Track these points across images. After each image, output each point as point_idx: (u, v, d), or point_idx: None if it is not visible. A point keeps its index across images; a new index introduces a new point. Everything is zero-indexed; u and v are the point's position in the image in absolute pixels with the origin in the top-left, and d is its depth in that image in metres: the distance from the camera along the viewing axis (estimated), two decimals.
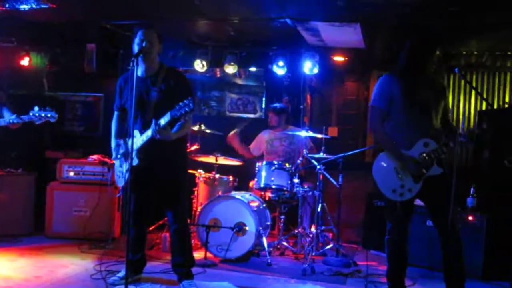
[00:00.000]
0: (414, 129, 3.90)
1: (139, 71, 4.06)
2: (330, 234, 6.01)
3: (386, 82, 4.01)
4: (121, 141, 4.25)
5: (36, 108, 4.54)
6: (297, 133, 6.08)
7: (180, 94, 3.89)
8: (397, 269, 4.06)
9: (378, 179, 3.97)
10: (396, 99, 3.92)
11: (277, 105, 6.54)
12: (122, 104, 4.29)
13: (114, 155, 4.31)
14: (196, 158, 6.11)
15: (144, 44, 3.97)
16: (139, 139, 3.99)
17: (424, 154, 3.84)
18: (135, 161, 3.95)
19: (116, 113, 4.42)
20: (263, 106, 7.46)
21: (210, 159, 6.00)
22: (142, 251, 4.38)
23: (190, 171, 6.04)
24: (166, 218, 4.88)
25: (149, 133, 3.89)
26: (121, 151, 4.22)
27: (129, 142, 3.84)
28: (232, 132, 6.48)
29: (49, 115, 4.56)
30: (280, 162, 5.74)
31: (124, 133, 4.19)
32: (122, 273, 4.28)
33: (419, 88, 3.93)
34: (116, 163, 4.35)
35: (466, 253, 4.63)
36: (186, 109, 3.66)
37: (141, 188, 4.11)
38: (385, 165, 3.96)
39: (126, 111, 4.24)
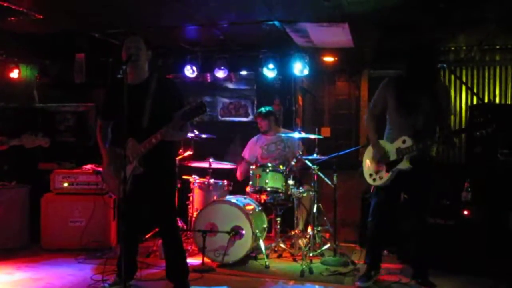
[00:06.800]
0: (400, 127, 4.37)
1: (129, 79, 4.00)
2: (327, 235, 6.02)
3: (384, 84, 4.53)
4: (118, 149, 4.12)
5: (28, 133, 4.48)
6: (291, 134, 6.08)
7: (173, 101, 4.01)
8: (372, 251, 4.63)
9: (364, 163, 4.62)
10: (389, 100, 4.44)
11: (262, 109, 6.51)
12: (109, 113, 4.25)
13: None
14: (190, 164, 6.10)
15: (131, 51, 3.97)
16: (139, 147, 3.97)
17: (398, 149, 4.31)
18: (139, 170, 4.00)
19: (99, 122, 4.32)
20: (255, 109, 7.46)
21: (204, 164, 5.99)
22: (133, 258, 4.37)
23: (185, 177, 6.04)
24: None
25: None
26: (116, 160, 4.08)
27: (127, 150, 3.84)
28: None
29: (41, 140, 4.48)
30: (273, 164, 5.74)
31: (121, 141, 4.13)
32: (111, 281, 4.31)
33: (410, 92, 4.33)
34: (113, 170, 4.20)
35: (464, 248, 4.64)
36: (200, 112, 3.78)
37: (137, 196, 4.08)
38: (370, 152, 4.56)
39: (111, 120, 4.24)
